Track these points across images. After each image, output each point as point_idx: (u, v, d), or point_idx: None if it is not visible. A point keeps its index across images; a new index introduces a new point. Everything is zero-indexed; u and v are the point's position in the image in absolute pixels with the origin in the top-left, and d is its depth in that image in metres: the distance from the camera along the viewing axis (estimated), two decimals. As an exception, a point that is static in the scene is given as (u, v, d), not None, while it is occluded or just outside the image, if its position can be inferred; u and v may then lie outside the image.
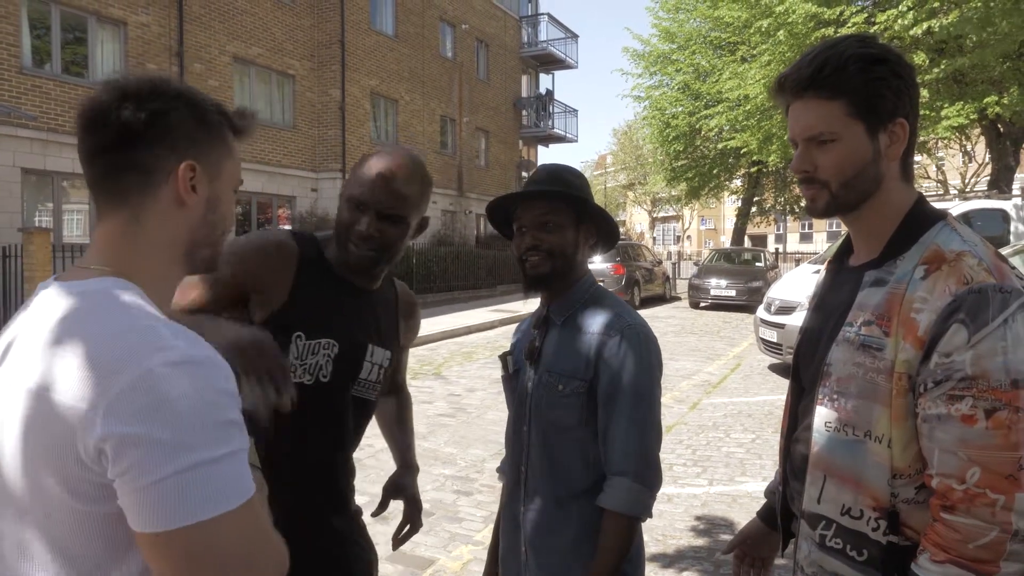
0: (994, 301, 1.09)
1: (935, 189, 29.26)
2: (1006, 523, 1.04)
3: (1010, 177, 13.65)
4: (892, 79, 1.22)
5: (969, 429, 1.08)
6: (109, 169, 0.98)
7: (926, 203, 1.28)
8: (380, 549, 4.09)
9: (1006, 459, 1.05)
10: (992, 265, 1.14)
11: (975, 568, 1.06)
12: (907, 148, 1.26)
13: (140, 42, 14.29)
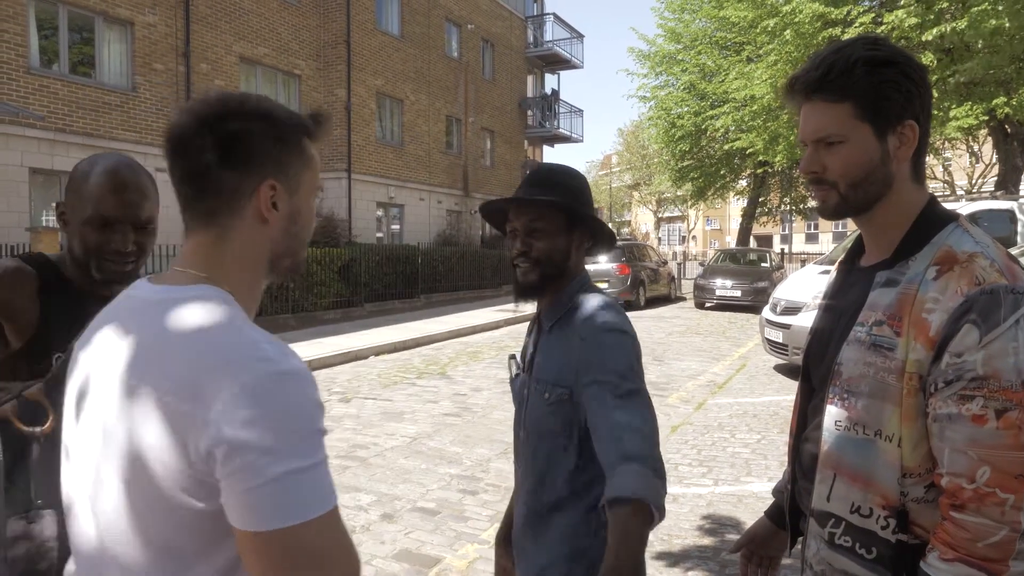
0: (1006, 302, 1.10)
1: (942, 190, 29.18)
2: (1015, 522, 1.06)
3: (1017, 178, 13.59)
4: (901, 81, 1.22)
5: (979, 429, 1.09)
6: (197, 192, 1.05)
7: (938, 204, 1.28)
8: (385, 548, 4.14)
9: (1016, 459, 1.06)
10: (1004, 266, 1.15)
11: (984, 567, 1.07)
12: (918, 150, 1.27)
13: (147, 42, 14.35)
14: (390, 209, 21.42)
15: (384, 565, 3.82)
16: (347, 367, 10.18)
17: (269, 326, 13.55)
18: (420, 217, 22.38)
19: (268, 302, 14.22)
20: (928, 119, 1.27)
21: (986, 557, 1.07)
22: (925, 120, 1.26)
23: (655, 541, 4.10)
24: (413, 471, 5.43)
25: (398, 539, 4.16)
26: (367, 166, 19.95)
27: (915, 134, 1.25)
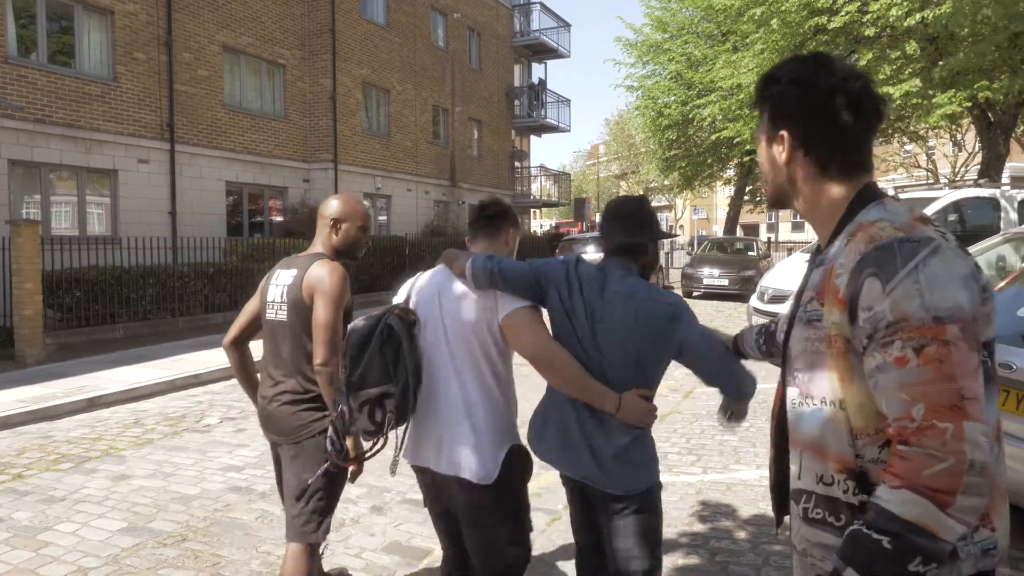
0: (901, 251, 1.17)
1: (926, 178, 29.35)
2: (959, 452, 1.05)
3: (1000, 166, 13.68)
4: (776, 98, 1.40)
5: (904, 370, 1.12)
6: (487, 226, 2.57)
7: (871, 192, 1.36)
8: (375, 540, 4.12)
9: (945, 390, 1.08)
10: (904, 224, 1.23)
11: (930, 495, 1.06)
12: (817, 152, 1.37)
13: (128, 31, 14.13)
14: (377, 200, 21.30)
15: (374, 558, 3.80)
16: (335, 359, 10.12)
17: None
18: (407, 208, 22.27)
19: (254, 293, 14.09)
20: (813, 125, 1.36)
21: (931, 486, 1.06)
22: (803, 127, 1.37)
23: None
24: (402, 463, 5.39)
25: (388, 531, 4.14)
26: (353, 157, 19.81)
27: (786, 142, 1.40)
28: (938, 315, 1.10)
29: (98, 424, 6.66)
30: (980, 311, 1.13)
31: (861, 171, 1.38)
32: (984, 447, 1.06)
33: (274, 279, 2.93)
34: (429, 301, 2.43)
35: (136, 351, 9.93)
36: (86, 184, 13.74)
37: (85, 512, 4.45)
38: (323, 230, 2.92)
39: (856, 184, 1.37)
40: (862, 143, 1.37)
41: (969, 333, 1.10)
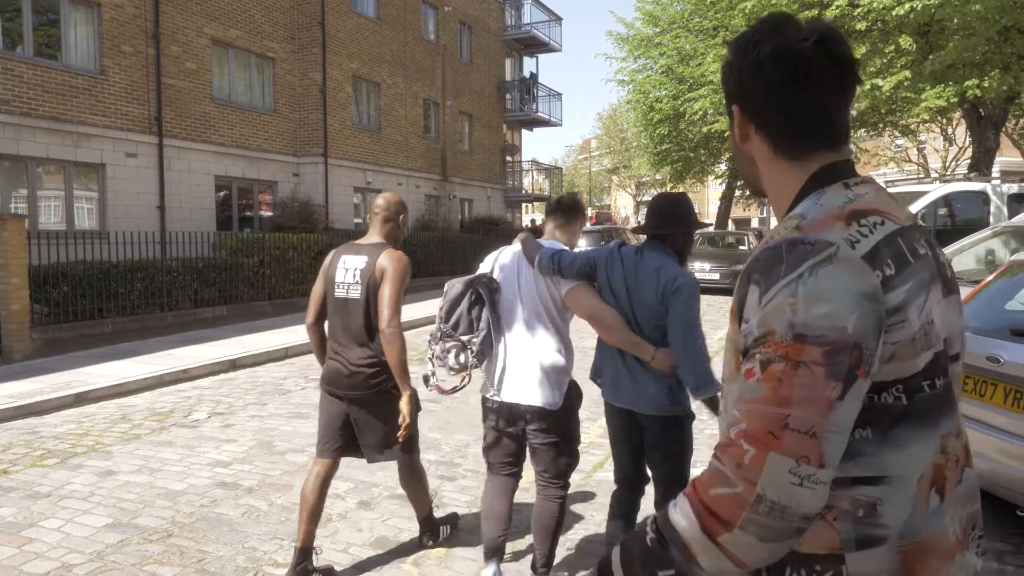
0: (789, 256, 0.99)
1: (916, 172, 29.46)
2: (749, 482, 0.92)
3: (990, 160, 13.72)
4: (724, 71, 1.21)
5: (746, 383, 0.98)
6: (563, 216, 3.40)
7: (825, 175, 1.13)
8: (362, 535, 4.09)
9: (769, 414, 0.93)
10: (811, 222, 1.04)
11: (704, 518, 0.95)
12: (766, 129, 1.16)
13: (115, 24, 14.00)
14: (367, 194, 21.21)
15: (361, 553, 3.77)
16: (325, 354, 10.08)
17: (245, 313, 13.47)
18: (398, 202, 22.16)
19: (244, 288, 14.05)
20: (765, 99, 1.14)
21: (710, 508, 0.95)
22: (750, 102, 1.17)
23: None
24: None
25: (375, 527, 4.12)
26: (344, 151, 19.72)
27: (737, 120, 1.20)
28: (801, 332, 0.94)
29: (85, 420, 6.61)
30: (871, 337, 0.94)
31: (818, 150, 1.14)
32: (783, 489, 0.91)
33: (341, 263, 3.50)
34: (511, 274, 3.24)
35: (124, 346, 9.86)
36: (73, 178, 13.62)
37: (70, 508, 4.41)
38: (378, 223, 3.59)
39: (811, 166, 1.14)
40: (819, 116, 1.13)
41: (838, 359, 0.92)
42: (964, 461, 1.05)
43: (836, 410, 0.93)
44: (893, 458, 0.99)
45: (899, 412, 0.99)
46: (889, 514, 0.99)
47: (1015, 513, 3.78)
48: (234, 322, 12.40)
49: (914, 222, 1.10)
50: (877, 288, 0.96)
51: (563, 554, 3.74)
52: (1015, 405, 3.51)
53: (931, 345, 1.00)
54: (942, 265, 1.09)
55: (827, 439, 0.92)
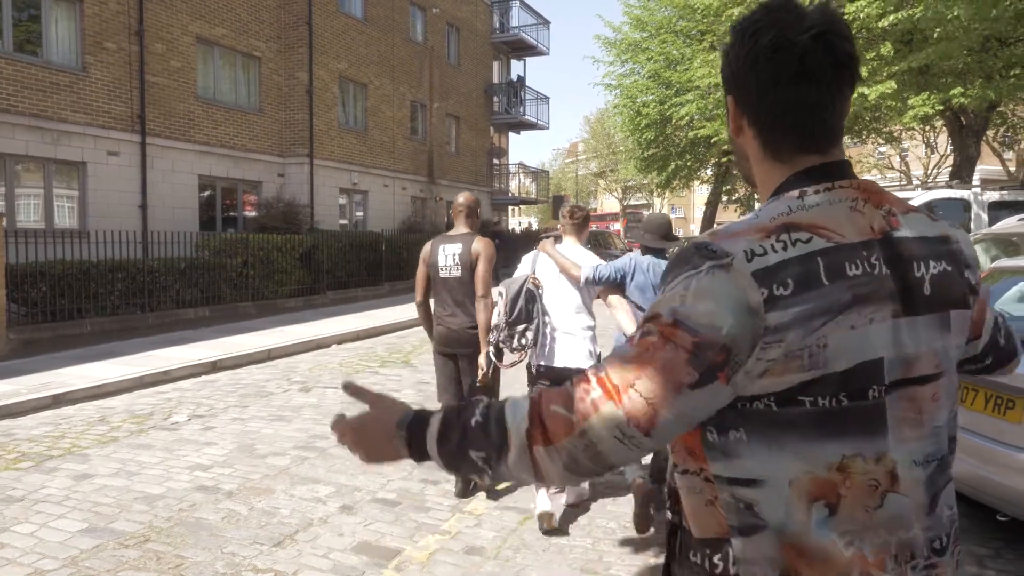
0: (694, 257, 1.02)
1: (899, 179, 29.74)
2: (582, 416, 0.98)
3: (971, 168, 13.86)
4: (725, 59, 1.16)
5: (623, 345, 1.04)
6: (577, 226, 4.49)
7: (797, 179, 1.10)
8: (344, 540, 4.04)
9: (626, 372, 0.98)
10: (728, 229, 1.05)
11: (534, 425, 1.00)
12: (756, 125, 1.13)
13: (97, 20, 13.85)
14: (353, 195, 21.11)
15: (343, 558, 3.73)
16: (308, 356, 10.01)
17: (228, 314, 13.36)
18: (384, 203, 22.11)
19: (227, 290, 13.93)
20: (756, 93, 1.11)
21: (543, 420, 1.00)
22: (744, 94, 1.13)
23: (617, 529, 4.08)
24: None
25: (357, 531, 4.07)
26: (329, 151, 19.61)
27: (732, 110, 1.16)
28: (680, 319, 0.98)
29: (62, 422, 6.51)
30: (742, 347, 0.96)
31: (803, 151, 1.11)
32: (605, 438, 0.97)
33: (441, 251, 4.59)
34: (551, 272, 4.32)
35: (104, 347, 9.74)
36: (53, 176, 13.45)
37: (44, 512, 4.33)
38: (462, 218, 4.68)
39: (794, 167, 1.11)
40: (810, 115, 1.09)
41: (704, 354, 0.96)
42: (888, 487, 1.02)
43: (682, 395, 0.96)
44: (762, 462, 1.01)
45: (769, 421, 1.01)
46: (765, 512, 1.02)
47: (995, 518, 3.80)
48: (216, 323, 12.28)
49: (872, 237, 1.04)
50: (759, 305, 0.97)
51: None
52: (996, 411, 3.52)
53: (816, 367, 0.98)
54: (910, 282, 1.05)
55: (662, 415, 0.96)
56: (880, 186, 1.13)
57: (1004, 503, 3.56)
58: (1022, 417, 3.37)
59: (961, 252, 1.13)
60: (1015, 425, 3.40)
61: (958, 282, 1.10)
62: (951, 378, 1.10)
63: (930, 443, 1.06)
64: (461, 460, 1.06)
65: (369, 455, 1.15)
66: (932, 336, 1.06)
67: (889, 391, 1.02)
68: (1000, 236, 6.42)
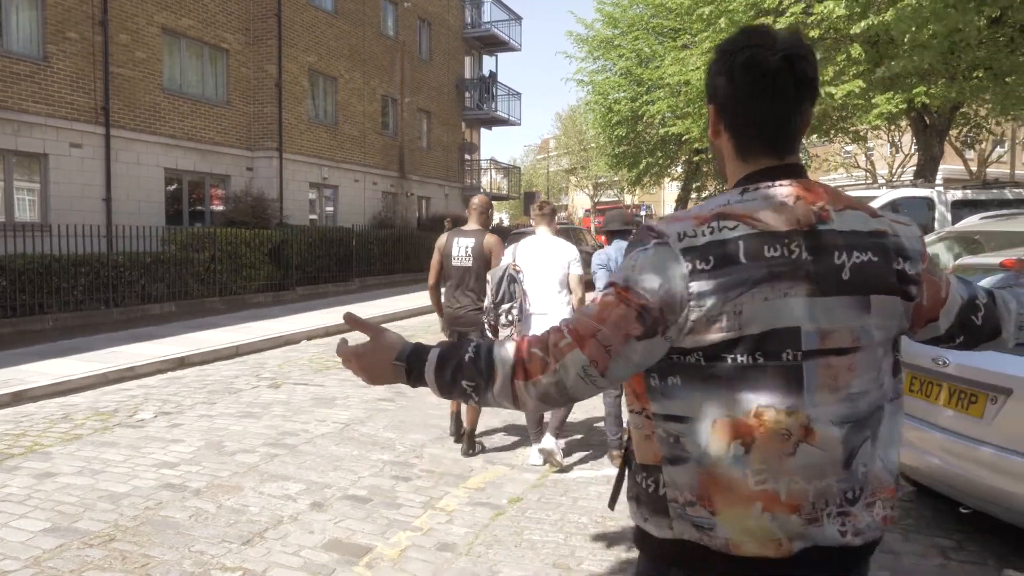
0: (643, 237, 1.29)
1: (864, 178, 30.26)
2: (555, 359, 1.23)
3: (935, 167, 14.12)
4: (708, 72, 1.37)
5: (590, 304, 1.31)
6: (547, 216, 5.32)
7: (748, 179, 1.33)
8: (314, 538, 4.00)
9: (590, 324, 1.24)
10: (672, 216, 1.32)
11: (517, 363, 1.25)
12: (731, 129, 1.36)
13: (60, 9, 13.51)
14: (323, 190, 20.91)
15: (313, 556, 3.69)
16: (278, 352, 9.89)
17: (195, 309, 13.16)
18: (355, 199, 21.92)
19: (195, 285, 13.71)
20: (730, 101, 1.34)
21: (524, 360, 1.25)
22: (724, 103, 1.35)
23: (589, 524, 4.09)
24: (344, 458, 5.29)
25: (328, 528, 4.03)
26: (299, 145, 19.38)
27: (712, 116, 1.38)
28: (631, 285, 1.24)
29: (23, 419, 6.35)
30: (672, 309, 1.21)
31: (764, 154, 1.33)
32: (571, 376, 1.23)
33: (455, 243, 5.33)
34: (531, 260, 5.00)
35: (67, 343, 9.52)
36: (13, 168, 13.12)
37: (5, 512, 4.22)
38: (475, 216, 5.45)
39: (756, 166, 1.33)
40: (774, 124, 1.32)
41: (646, 314, 1.21)
42: (801, 438, 1.22)
43: (630, 344, 1.22)
44: (691, 404, 1.25)
45: (699, 371, 1.24)
46: (689, 444, 1.25)
47: (958, 510, 3.88)
48: (183, 319, 12.08)
49: (797, 228, 1.25)
50: (684, 276, 1.22)
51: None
52: (959, 405, 3.60)
53: (733, 329, 1.20)
54: (829, 268, 1.24)
55: (616, 359, 1.23)
56: (823, 186, 1.33)
57: (967, 496, 3.64)
58: (984, 411, 3.45)
59: (898, 246, 1.31)
60: (977, 419, 3.48)
61: (884, 271, 1.28)
62: (872, 353, 1.27)
63: (847, 407, 1.25)
64: (453, 387, 1.30)
65: (372, 378, 1.38)
66: (849, 315, 1.25)
67: (808, 357, 1.22)
68: (963, 234, 6.56)
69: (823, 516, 1.23)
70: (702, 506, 1.24)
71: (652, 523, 1.32)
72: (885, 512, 1.30)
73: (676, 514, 1.27)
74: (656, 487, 1.30)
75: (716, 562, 1.25)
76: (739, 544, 1.23)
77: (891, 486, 1.31)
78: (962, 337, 1.46)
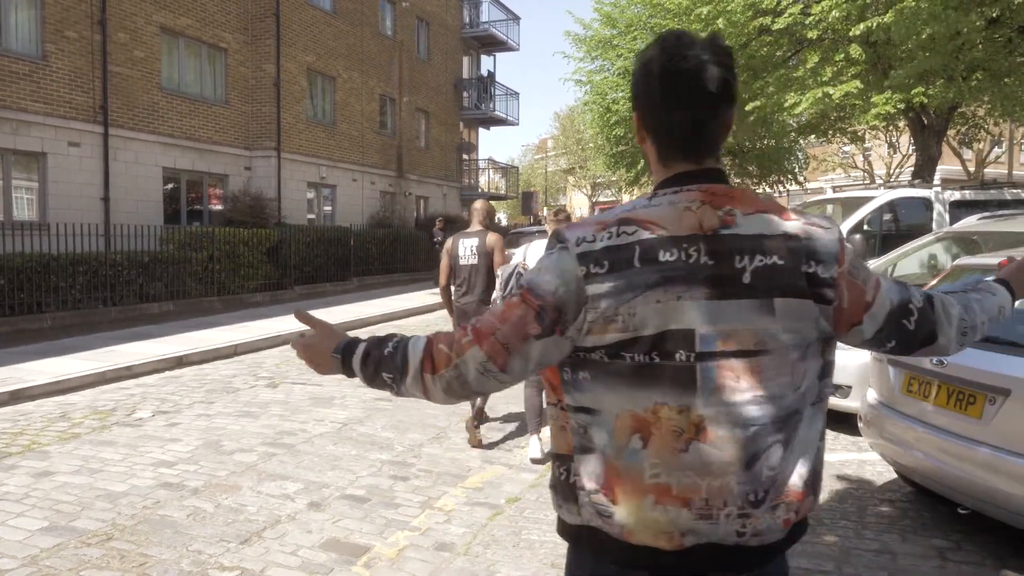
0: (551, 241, 1.37)
1: (862, 178, 30.31)
2: (457, 354, 1.31)
3: (932, 168, 14.13)
4: (631, 84, 1.41)
5: (495, 304, 1.51)
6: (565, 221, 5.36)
7: (662, 184, 1.37)
8: (312, 537, 4.00)
9: (492, 322, 1.31)
10: (578, 222, 1.39)
11: (426, 357, 1.34)
12: (652, 135, 1.39)
13: (59, 7, 13.49)
14: (321, 189, 20.89)
15: (311, 555, 3.69)
16: (275, 351, 9.88)
17: (193, 309, 13.14)
18: (353, 198, 21.91)
19: (193, 284, 13.70)
20: (649, 109, 1.37)
21: (432, 354, 1.34)
22: (644, 110, 1.38)
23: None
24: (342, 458, 5.29)
25: (326, 528, 4.03)
26: (297, 145, 19.37)
27: (636, 122, 1.41)
28: (532, 286, 1.30)
29: (21, 418, 6.34)
30: (569, 309, 1.27)
31: (680, 160, 1.36)
32: (471, 371, 1.31)
33: (461, 244, 5.76)
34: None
35: (64, 341, 9.51)
36: (12, 167, 13.10)
37: (2, 511, 4.22)
38: (477, 219, 5.87)
39: (673, 171, 1.36)
40: (689, 130, 1.34)
41: (544, 313, 1.28)
42: (693, 436, 1.25)
43: (529, 342, 1.28)
44: (598, 397, 1.30)
45: (603, 368, 1.29)
46: (595, 436, 1.31)
47: (956, 511, 3.89)
48: (181, 318, 12.07)
49: (698, 232, 1.27)
50: (580, 279, 1.27)
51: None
52: (957, 406, 3.61)
53: (627, 330, 1.25)
54: (728, 271, 1.25)
55: (514, 356, 1.29)
56: (736, 190, 1.34)
57: (965, 497, 3.64)
58: (982, 412, 3.45)
59: (809, 249, 1.29)
60: (975, 420, 3.48)
61: (790, 274, 1.27)
62: (782, 356, 1.27)
63: (753, 409, 1.25)
64: (376, 378, 1.38)
65: (317, 368, 1.47)
66: (750, 318, 1.25)
67: (703, 359, 1.24)
68: (961, 234, 6.57)
69: (719, 514, 1.26)
70: (604, 495, 1.30)
71: (565, 510, 1.38)
72: (788, 515, 1.30)
73: (583, 501, 1.33)
74: (568, 475, 1.36)
75: (614, 548, 1.32)
76: (633, 532, 1.29)
77: (799, 491, 1.30)
78: (893, 342, 1.42)
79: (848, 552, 3.69)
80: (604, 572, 1.36)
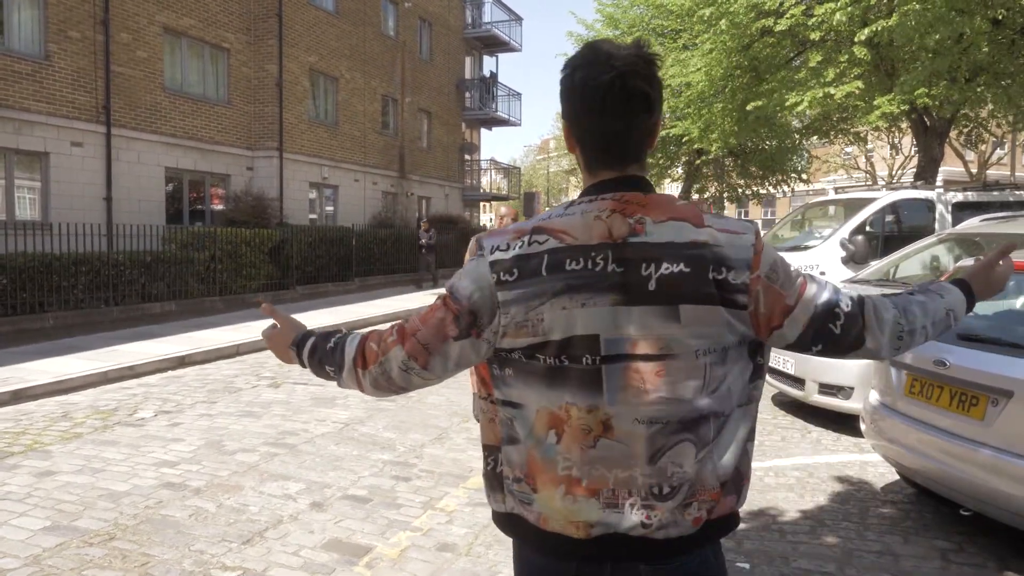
0: (475, 248, 1.42)
1: (864, 179, 30.29)
2: (382, 352, 1.42)
3: (935, 169, 14.11)
4: (559, 92, 1.44)
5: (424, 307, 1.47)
6: None
7: (585, 192, 1.41)
8: (314, 537, 4.00)
9: (414, 325, 1.41)
10: (494, 230, 1.46)
11: (358, 354, 1.45)
12: (578, 144, 1.43)
13: (62, 8, 13.51)
14: (323, 190, 20.91)
15: (313, 556, 3.69)
16: (277, 351, 9.89)
17: (195, 308, 13.15)
18: (355, 198, 21.92)
19: (194, 284, 13.71)
20: (572, 120, 1.42)
21: (363, 351, 1.45)
22: (573, 118, 1.41)
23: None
24: (344, 458, 5.29)
25: (328, 528, 4.03)
26: (299, 145, 19.38)
27: (565, 131, 1.45)
28: (452, 291, 1.39)
29: (23, 418, 6.35)
30: (484, 313, 1.35)
31: (604, 167, 1.40)
32: (394, 368, 1.41)
33: None
34: None
35: (66, 341, 9.53)
36: (14, 167, 13.12)
37: (5, 510, 4.22)
38: (499, 221, 6.08)
39: (596, 179, 1.41)
40: (611, 138, 1.38)
41: (461, 316, 1.36)
42: (600, 433, 1.32)
43: (448, 343, 1.38)
44: (521, 392, 1.37)
45: (522, 367, 1.36)
46: (520, 428, 1.38)
47: (958, 512, 3.89)
48: (183, 318, 12.08)
49: (607, 240, 1.31)
50: (491, 285, 1.34)
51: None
52: (960, 407, 3.60)
53: (537, 334, 1.32)
54: (634, 279, 1.29)
55: (434, 356, 1.39)
56: (651, 198, 1.36)
57: (967, 498, 3.64)
58: (985, 414, 3.45)
59: (719, 256, 1.31)
60: (978, 421, 3.48)
61: (697, 281, 1.29)
62: (689, 360, 1.30)
63: (656, 409, 1.31)
64: (320, 370, 1.52)
65: (280, 357, 1.61)
66: (654, 323, 1.30)
67: (608, 361, 1.30)
68: (963, 236, 6.56)
69: (624, 503, 1.33)
70: (526, 483, 1.38)
71: (493, 498, 1.46)
72: (699, 513, 1.34)
73: (508, 490, 1.42)
74: (495, 465, 1.44)
75: (532, 535, 1.40)
76: (547, 520, 1.37)
77: (715, 490, 1.34)
78: (820, 345, 1.41)
79: (850, 553, 3.69)
80: (526, 558, 1.46)
